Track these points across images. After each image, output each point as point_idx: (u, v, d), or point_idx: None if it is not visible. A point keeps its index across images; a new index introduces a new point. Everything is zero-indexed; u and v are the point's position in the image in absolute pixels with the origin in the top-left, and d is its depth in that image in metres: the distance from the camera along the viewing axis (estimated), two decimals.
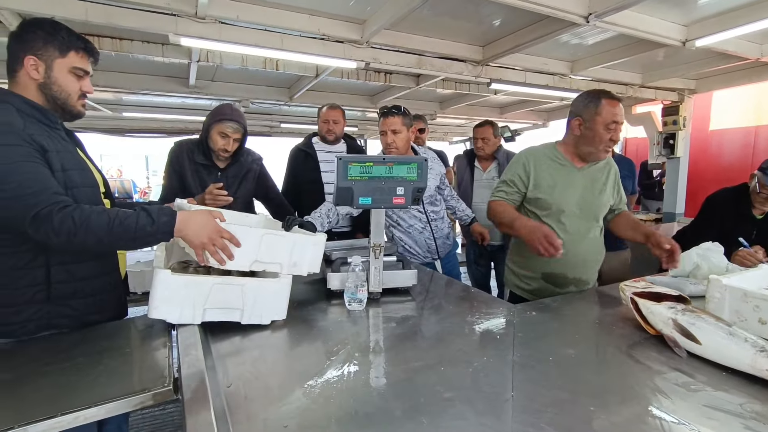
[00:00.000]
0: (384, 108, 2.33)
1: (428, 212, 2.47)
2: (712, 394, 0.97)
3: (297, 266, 1.38)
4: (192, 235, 1.22)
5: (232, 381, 1.02)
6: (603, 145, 1.81)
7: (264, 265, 1.33)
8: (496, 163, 3.39)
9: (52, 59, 1.28)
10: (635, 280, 1.50)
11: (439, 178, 2.54)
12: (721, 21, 3.16)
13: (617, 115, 1.77)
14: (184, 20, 2.73)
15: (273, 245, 1.34)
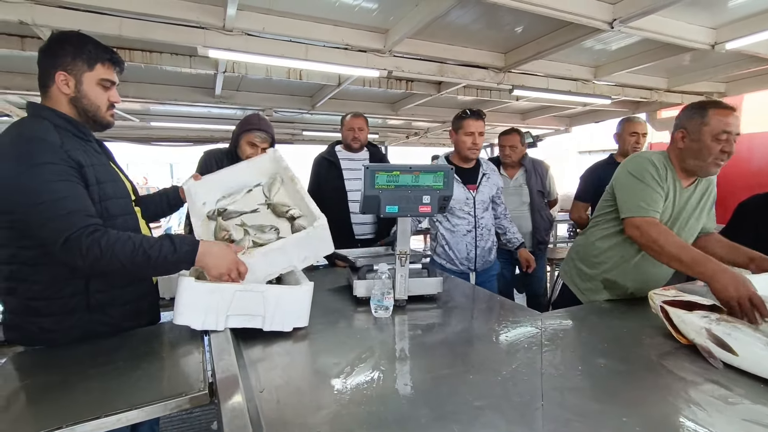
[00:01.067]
0: (469, 110, 2.43)
1: (478, 217, 2.47)
2: (751, 407, 0.95)
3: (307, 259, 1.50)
4: (211, 265, 1.28)
5: (264, 386, 1.05)
6: (712, 158, 1.63)
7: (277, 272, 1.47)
8: (523, 170, 3.37)
9: (81, 73, 1.32)
10: (664, 288, 1.47)
11: (495, 189, 2.57)
12: (752, 23, 3.09)
13: (727, 125, 1.59)
14: (212, 33, 2.82)
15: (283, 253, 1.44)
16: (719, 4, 2.91)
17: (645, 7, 2.57)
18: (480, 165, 2.53)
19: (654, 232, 1.58)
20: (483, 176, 2.50)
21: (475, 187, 2.46)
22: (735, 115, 1.61)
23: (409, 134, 9.00)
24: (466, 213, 2.44)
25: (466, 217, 2.44)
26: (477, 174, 2.50)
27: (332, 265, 2.41)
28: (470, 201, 2.43)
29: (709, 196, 1.82)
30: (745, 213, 2.38)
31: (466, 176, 2.46)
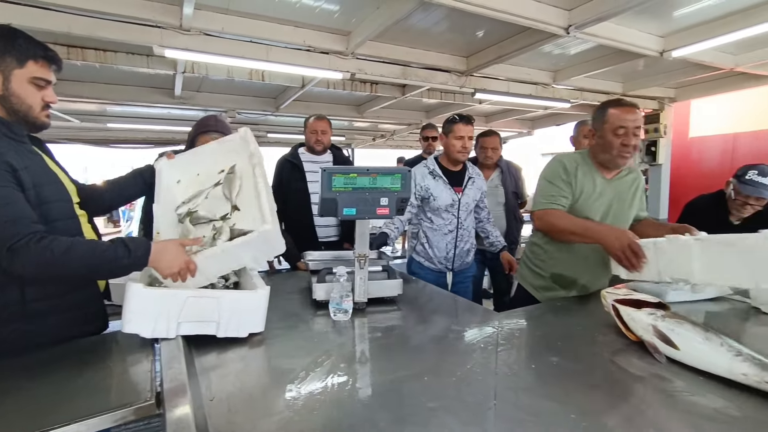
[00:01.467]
0: (459, 115, 2.50)
1: (461, 219, 2.53)
2: (689, 399, 0.99)
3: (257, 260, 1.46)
4: (164, 267, 1.26)
5: (215, 394, 1.02)
6: (616, 151, 1.77)
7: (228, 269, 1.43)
8: (498, 171, 3.44)
9: (10, 70, 1.23)
10: (617, 286, 1.52)
11: (479, 194, 2.64)
12: (696, 32, 3.26)
13: (624, 121, 1.74)
14: (169, 32, 2.74)
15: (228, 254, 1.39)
16: (666, 13, 3.05)
17: (598, 14, 2.67)
18: (467, 169, 2.60)
19: (551, 218, 1.80)
20: (469, 180, 2.56)
21: (461, 189, 2.52)
22: (633, 112, 1.75)
23: (375, 136, 9.03)
24: (450, 214, 2.50)
25: (449, 218, 2.50)
26: (463, 177, 2.56)
27: (294, 269, 2.38)
28: (455, 203, 2.49)
29: (639, 186, 1.97)
30: (692, 213, 2.51)
31: (453, 179, 2.52)
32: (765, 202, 2.19)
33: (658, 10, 2.98)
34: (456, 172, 2.55)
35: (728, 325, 1.52)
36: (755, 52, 3.79)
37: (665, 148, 5.97)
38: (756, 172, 2.18)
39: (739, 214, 2.29)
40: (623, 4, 2.55)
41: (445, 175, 2.49)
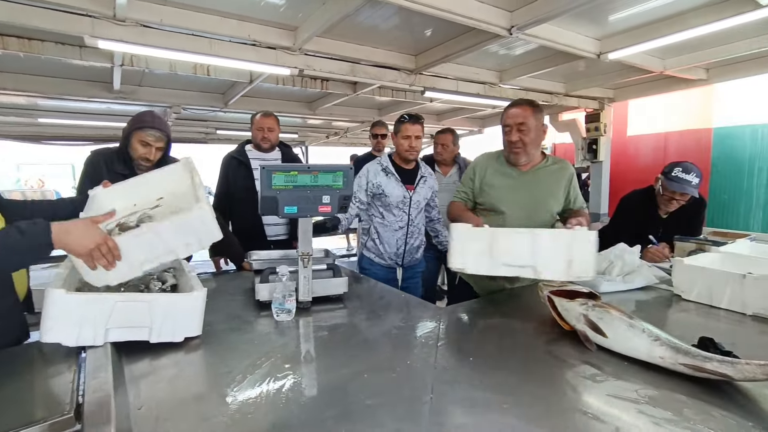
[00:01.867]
0: (407, 115, 2.52)
1: (411, 216, 2.55)
2: (614, 383, 1.04)
3: (190, 246, 1.35)
4: (74, 244, 1.17)
5: (144, 402, 0.97)
6: (507, 146, 2.00)
7: (156, 260, 1.31)
8: (456, 168, 3.52)
9: None
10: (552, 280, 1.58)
11: (431, 193, 2.67)
12: (629, 36, 3.45)
13: (507, 119, 1.96)
14: (102, 22, 2.57)
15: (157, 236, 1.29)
16: (602, 17, 3.21)
17: (539, 16, 2.76)
18: (419, 167, 2.63)
19: (449, 208, 2.12)
20: (421, 178, 2.60)
21: (413, 187, 2.56)
22: (516, 110, 1.93)
23: (329, 134, 8.95)
24: (401, 211, 2.53)
25: (400, 215, 2.53)
26: (416, 175, 2.59)
27: (240, 269, 2.31)
28: (407, 200, 2.52)
29: (565, 176, 2.06)
30: (626, 206, 2.65)
31: (405, 176, 2.54)
32: (688, 197, 2.34)
33: (595, 14, 3.12)
34: (408, 170, 2.58)
35: (654, 311, 1.62)
36: (680, 57, 4.06)
37: (605, 146, 6.30)
38: (681, 170, 2.33)
39: (665, 208, 2.44)
40: (562, 6, 2.65)
41: (397, 173, 2.52)
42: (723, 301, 1.57)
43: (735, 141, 6.25)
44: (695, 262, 1.73)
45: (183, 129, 7.76)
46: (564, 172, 2.06)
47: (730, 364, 0.97)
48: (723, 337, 1.13)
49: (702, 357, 1.02)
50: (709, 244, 2.15)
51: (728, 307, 1.56)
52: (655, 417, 0.88)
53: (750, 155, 6.10)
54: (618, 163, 7.09)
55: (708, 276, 1.62)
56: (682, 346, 1.07)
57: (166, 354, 1.23)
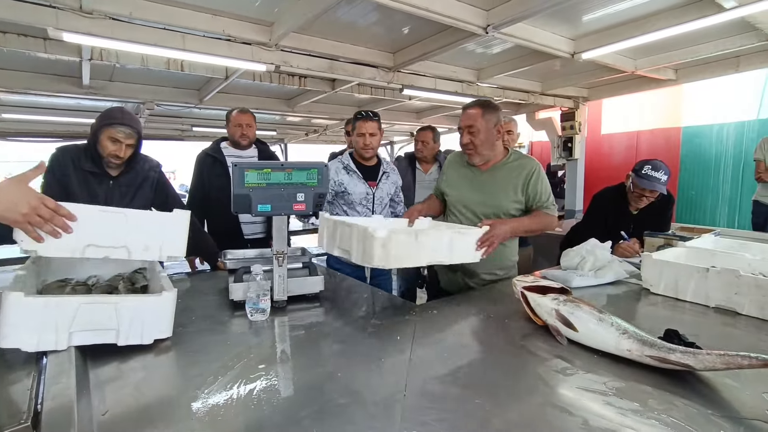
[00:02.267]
0: (361, 112, 2.50)
1: (376, 213, 2.54)
2: (583, 376, 1.06)
3: (149, 250, 1.25)
4: (4, 210, 1.00)
5: (109, 407, 0.94)
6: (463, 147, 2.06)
7: (104, 250, 1.19)
8: (437, 165, 3.56)
9: None
10: (525, 275, 1.61)
11: (394, 188, 2.67)
12: (601, 37, 3.53)
13: (460, 122, 2.03)
14: (67, 14, 2.48)
15: (114, 224, 1.20)
16: (576, 18, 3.27)
17: (514, 15, 2.79)
18: (381, 163, 2.62)
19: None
20: (383, 174, 2.60)
21: (375, 183, 2.55)
22: (466, 112, 2.01)
23: (308, 131, 8.88)
24: (364, 208, 2.52)
25: (364, 212, 2.51)
26: (378, 172, 2.59)
27: (214, 269, 2.27)
28: (369, 196, 2.52)
29: (527, 174, 2.02)
30: (598, 203, 2.71)
31: (366, 173, 2.54)
32: (657, 194, 2.41)
33: (569, 14, 3.18)
34: (370, 167, 2.58)
35: (624, 305, 1.67)
36: (651, 57, 4.17)
37: (580, 144, 6.43)
38: (650, 167, 2.40)
39: (635, 204, 2.51)
40: (537, 6, 2.69)
41: (359, 170, 2.52)
42: (688, 294, 1.62)
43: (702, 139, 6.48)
44: (662, 256, 1.78)
45: (157, 126, 7.59)
46: (522, 169, 2.03)
47: (692, 354, 1.00)
48: (688, 329, 1.16)
49: (666, 349, 1.05)
50: (676, 239, 2.22)
51: (693, 299, 1.61)
52: (621, 408, 0.90)
53: (716, 153, 6.33)
54: (592, 160, 7.26)
55: (674, 270, 1.67)
56: (648, 338, 1.10)
57: (134, 357, 1.20)
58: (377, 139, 2.52)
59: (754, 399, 0.94)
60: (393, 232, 1.44)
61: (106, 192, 2.11)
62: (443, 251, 1.58)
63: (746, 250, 1.96)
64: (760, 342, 1.29)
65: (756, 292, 1.45)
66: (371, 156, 2.56)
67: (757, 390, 0.97)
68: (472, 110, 1.98)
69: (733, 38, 3.64)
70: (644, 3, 3.00)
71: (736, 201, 6.14)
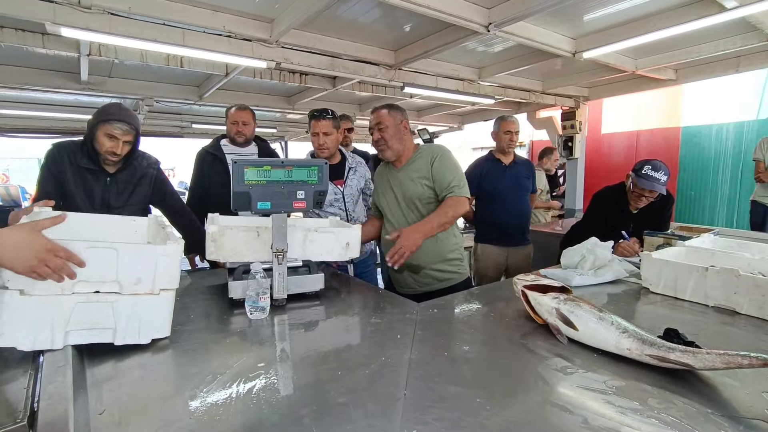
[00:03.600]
0: (315, 111, 2.41)
1: (349, 211, 2.49)
2: (583, 375, 1.06)
3: (141, 283, 1.21)
4: (11, 260, 0.98)
5: (106, 407, 0.93)
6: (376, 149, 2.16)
7: (94, 285, 1.17)
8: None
9: None
10: (526, 274, 1.60)
11: (363, 181, 2.60)
12: (602, 36, 3.52)
13: (370, 123, 2.15)
14: (64, 8, 2.47)
15: (104, 259, 1.17)
16: (577, 17, 3.26)
17: (516, 13, 2.78)
18: (345, 159, 2.56)
19: None
20: (349, 170, 2.54)
21: (343, 182, 2.50)
22: (373, 115, 2.16)
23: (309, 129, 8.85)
24: (337, 209, 2.46)
25: (338, 213, 2.46)
26: (343, 169, 2.53)
27: (214, 266, 2.26)
28: (339, 196, 2.46)
29: (424, 162, 2.11)
30: (598, 203, 2.71)
31: (331, 173, 2.37)
32: (657, 194, 2.41)
33: (571, 13, 3.17)
34: (334, 165, 2.50)
35: (624, 304, 1.66)
36: (651, 57, 4.16)
37: (580, 144, 6.42)
38: (650, 167, 2.40)
39: (635, 204, 2.51)
40: (538, 5, 2.68)
41: None
42: (687, 293, 1.62)
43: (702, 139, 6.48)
44: (662, 255, 1.78)
45: (157, 122, 7.57)
46: (427, 155, 2.12)
47: (692, 353, 1.00)
48: (687, 328, 1.16)
49: (666, 348, 1.05)
50: (675, 239, 2.22)
51: (692, 298, 1.61)
52: (621, 407, 0.90)
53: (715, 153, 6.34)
54: (592, 159, 7.26)
55: (673, 269, 1.67)
56: (647, 337, 1.10)
57: (132, 356, 1.19)
58: (332, 139, 2.42)
59: (753, 398, 0.94)
60: (228, 227, 1.54)
61: (103, 189, 2.10)
62: (296, 248, 1.64)
63: (745, 250, 1.95)
64: (759, 341, 1.29)
65: (755, 291, 1.45)
66: (327, 156, 2.45)
67: (756, 389, 0.97)
68: (380, 111, 2.13)
69: (733, 38, 3.64)
70: (645, 3, 3.00)
71: (735, 201, 6.15)
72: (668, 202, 2.62)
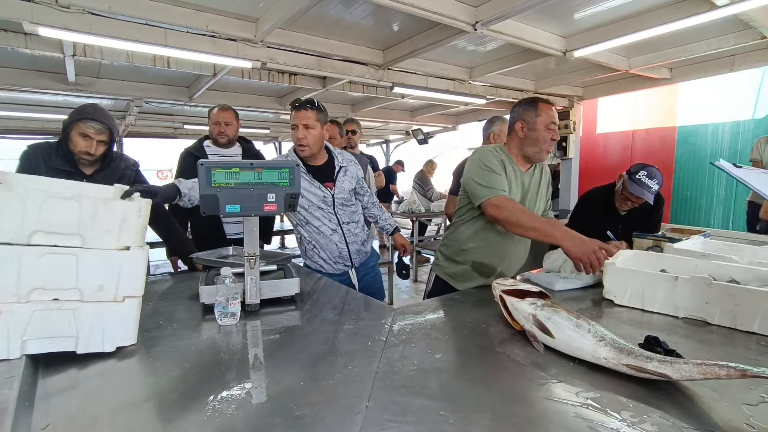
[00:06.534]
0: (296, 101, 2.12)
1: (338, 214, 2.25)
2: (557, 386, 1.01)
3: (104, 290, 1.15)
4: None
5: (52, 420, 0.89)
6: (546, 145, 1.89)
7: (52, 293, 1.11)
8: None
9: None
10: (506, 278, 1.56)
11: (355, 182, 2.34)
12: (594, 35, 3.48)
13: (554, 117, 1.89)
14: (42, 7, 2.43)
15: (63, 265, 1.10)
16: (567, 15, 3.22)
17: (502, 11, 2.74)
18: (334, 159, 2.27)
19: (511, 206, 1.77)
20: (340, 170, 2.26)
21: (332, 184, 2.23)
22: (554, 109, 1.91)
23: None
24: (327, 212, 2.22)
25: (328, 216, 2.23)
26: (332, 170, 2.25)
27: (192, 270, 2.22)
28: (328, 199, 2.20)
29: (547, 182, 2.09)
30: (586, 204, 2.67)
31: (320, 174, 2.19)
32: (643, 202, 2.36)
33: (560, 11, 3.13)
34: (319, 167, 2.23)
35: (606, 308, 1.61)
36: (644, 56, 4.13)
37: (575, 144, 6.39)
38: (645, 174, 2.33)
39: (620, 206, 2.47)
40: (526, 2, 2.64)
41: (310, 172, 2.18)
42: (655, 305, 1.53)
43: (698, 139, 6.44)
44: (626, 264, 1.66)
45: (148, 123, 7.53)
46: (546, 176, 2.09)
47: (670, 364, 0.96)
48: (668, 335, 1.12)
49: (644, 357, 1.00)
50: (665, 241, 2.18)
51: (660, 310, 1.52)
52: (591, 421, 0.86)
53: (711, 153, 6.29)
54: (587, 160, 7.22)
55: (640, 279, 1.56)
56: (625, 346, 1.05)
57: (92, 365, 1.14)
58: (315, 134, 2.09)
59: (732, 411, 0.90)
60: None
61: None
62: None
63: (735, 252, 1.91)
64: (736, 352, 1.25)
65: (728, 300, 1.38)
66: (307, 155, 2.15)
67: (735, 401, 0.93)
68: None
69: (727, 37, 3.60)
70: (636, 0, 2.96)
71: (731, 201, 6.11)
72: (659, 204, 2.58)
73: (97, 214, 1.19)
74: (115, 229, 1.21)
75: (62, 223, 1.16)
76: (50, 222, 1.15)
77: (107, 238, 1.20)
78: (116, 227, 1.21)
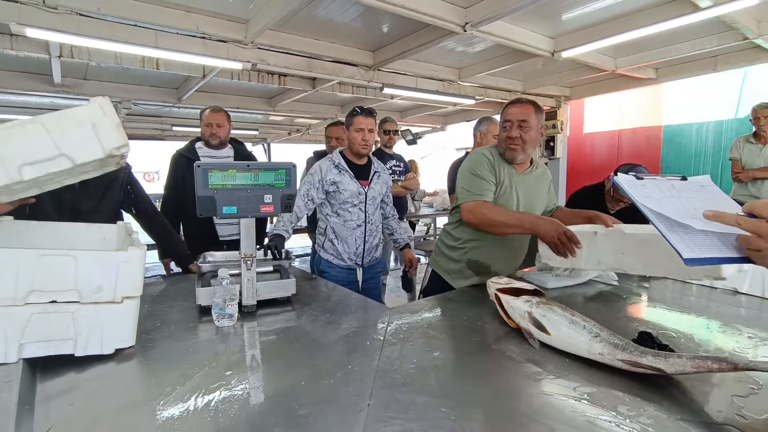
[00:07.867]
0: (362, 108, 2.42)
1: (368, 213, 2.46)
2: (554, 381, 1.04)
3: (103, 291, 1.16)
4: None
5: (53, 423, 0.88)
6: (504, 143, 1.91)
7: (50, 294, 1.12)
8: None
9: None
10: (500, 276, 1.58)
11: (386, 188, 2.58)
12: (581, 35, 3.53)
13: (509, 114, 1.88)
14: (30, 8, 2.39)
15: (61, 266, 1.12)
16: (555, 16, 3.26)
17: (491, 13, 2.77)
18: (371, 162, 2.55)
19: (483, 210, 1.80)
20: (375, 174, 2.52)
21: (367, 183, 2.47)
22: (517, 107, 1.88)
23: (291, 131, 8.79)
24: (357, 208, 2.43)
25: (357, 212, 2.43)
26: (369, 171, 2.50)
27: (187, 272, 2.21)
28: (362, 196, 2.43)
29: (546, 178, 2.11)
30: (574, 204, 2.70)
31: (359, 172, 2.46)
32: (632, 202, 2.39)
33: (548, 12, 3.17)
34: (361, 165, 2.51)
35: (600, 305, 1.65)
36: (630, 56, 4.20)
37: (562, 143, 6.47)
38: (634, 175, 2.36)
39: (611, 206, 2.51)
40: (515, 3, 2.67)
41: (350, 169, 2.44)
42: (581, 262, 1.58)
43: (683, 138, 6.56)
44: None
45: (137, 125, 7.44)
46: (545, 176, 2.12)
47: (663, 358, 0.98)
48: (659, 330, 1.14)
49: (638, 352, 1.03)
50: None
51: (586, 266, 1.60)
52: (589, 415, 0.88)
53: (696, 152, 6.42)
54: (575, 159, 7.31)
55: None
56: (620, 341, 1.08)
57: (91, 367, 1.14)
58: (374, 136, 2.45)
59: (724, 403, 0.93)
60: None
61: (73, 194, 2.03)
62: None
63: None
64: None
65: (641, 248, 1.43)
66: (367, 153, 2.48)
67: (727, 393, 0.96)
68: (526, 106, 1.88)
69: (710, 38, 3.68)
70: (622, 1, 3.01)
71: None
72: None
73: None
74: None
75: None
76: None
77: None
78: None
